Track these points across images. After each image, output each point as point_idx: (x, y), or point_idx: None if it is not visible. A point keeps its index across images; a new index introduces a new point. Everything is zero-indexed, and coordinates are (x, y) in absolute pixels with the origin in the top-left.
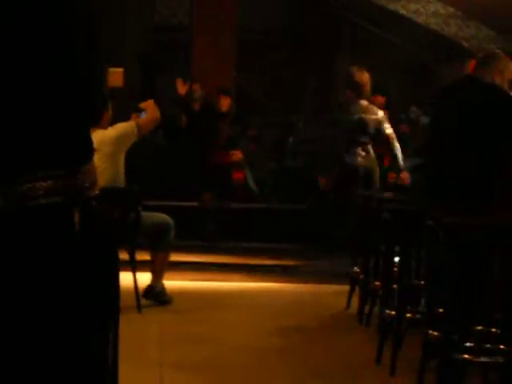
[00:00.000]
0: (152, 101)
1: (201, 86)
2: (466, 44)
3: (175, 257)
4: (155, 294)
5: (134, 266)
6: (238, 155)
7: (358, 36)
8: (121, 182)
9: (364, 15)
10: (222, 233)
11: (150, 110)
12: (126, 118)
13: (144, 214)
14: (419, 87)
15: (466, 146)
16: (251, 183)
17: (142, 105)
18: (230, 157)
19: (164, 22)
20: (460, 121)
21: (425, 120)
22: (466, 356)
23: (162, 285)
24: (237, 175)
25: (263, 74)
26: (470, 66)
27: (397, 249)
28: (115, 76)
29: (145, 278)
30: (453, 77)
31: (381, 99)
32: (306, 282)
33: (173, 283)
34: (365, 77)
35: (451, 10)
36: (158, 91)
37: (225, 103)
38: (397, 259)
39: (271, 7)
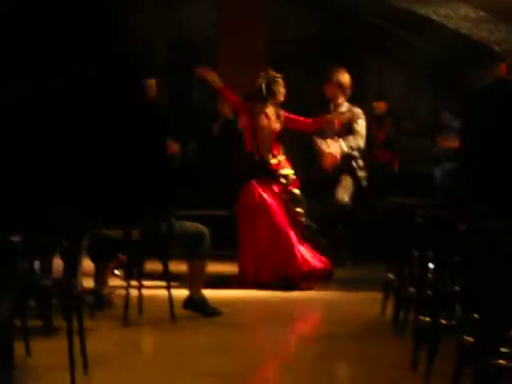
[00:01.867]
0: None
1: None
2: (497, 48)
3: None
4: (194, 305)
5: (168, 277)
6: None
7: (388, 42)
8: None
9: (394, 21)
10: None
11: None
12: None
13: (176, 223)
14: (450, 92)
15: (500, 149)
16: None
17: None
18: None
19: (191, 34)
20: (493, 124)
21: (457, 124)
22: (501, 361)
23: (202, 295)
24: None
25: (292, 85)
26: (502, 69)
27: (431, 254)
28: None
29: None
30: (484, 81)
31: (383, 105)
32: (338, 289)
33: (206, 292)
34: (346, 78)
35: (482, 13)
36: (187, 102)
37: None
38: (431, 265)
39: (299, 18)
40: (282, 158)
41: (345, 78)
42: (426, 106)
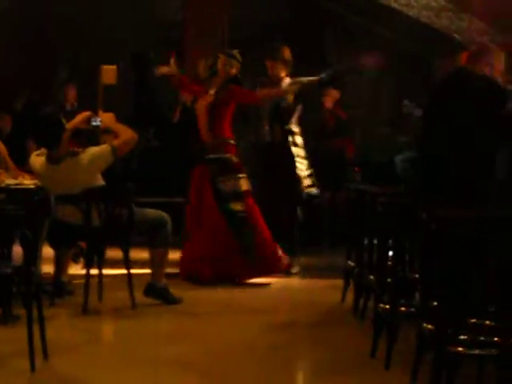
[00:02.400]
0: (112, 114)
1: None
2: (458, 37)
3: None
4: (155, 292)
5: (128, 264)
6: None
7: (348, 30)
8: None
9: (355, 9)
10: None
11: (123, 131)
12: (119, 116)
13: (137, 210)
14: (411, 81)
15: (458, 139)
16: None
17: (101, 115)
18: None
19: (156, 18)
20: (452, 113)
21: (418, 113)
22: (460, 349)
23: (165, 283)
24: None
25: (253, 69)
26: (462, 58)
27: (390, 242)
28: (108, 73)
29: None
30: (445, 70)
31: (335, 93)
32: (299, 277)
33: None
34: (289, 54)
35: (443, 3)
36: (150, 88)
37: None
38: (390, 253)
39: (261, 1)
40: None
41: (288, 54)
42: (386, 95)
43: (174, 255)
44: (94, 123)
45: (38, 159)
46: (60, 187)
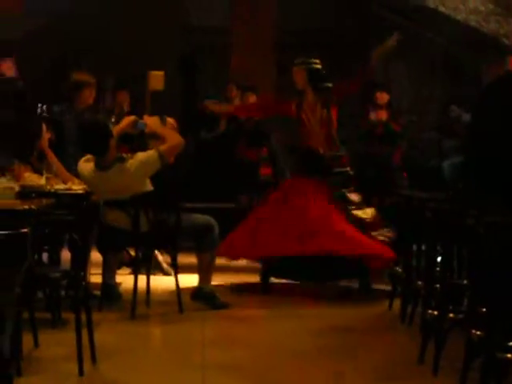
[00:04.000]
0: (157, 118)
1: (237, 87)
2: (506, 41)
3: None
4: (203, 296)
5: (177, 268)
6: (263, 152)
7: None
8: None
9: (403, 13)
10: None
11: (171, 135)
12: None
13: (185, 215)
14: (459, 85)
15: (508, 144)
16: None
17: (146, 119)
18: (256, 154)
19: (202, 23)
20: (502, 118)
21: (466, 118)
22: (509, 355)
23: (212, 287)
24: (264, 171)
25: None
26: (511, 63)
27: (439, 248)
28: (156, 79)
29: (191, 280)
30: (493, 74)
31: (386, 96)
32: (345, 282)
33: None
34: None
35: (491, 6)
36: (198, 93)
37: (251, 99)
38: (439, 258)
39: (309, 7)
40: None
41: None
42: (433, 99)
43: (220, 261)
44: (139, 127)
45: (86, 166)
46: (108, 193)
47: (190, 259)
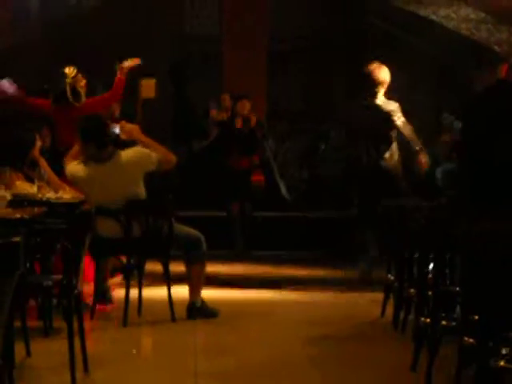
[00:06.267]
0: (137, 127)
1: (230, 96)
2: (497, 49)
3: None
4: (197, 312)
5: (169, 277)
6: (255, 159)
7: (387, 42)
8: (142, 196)
9: (394, 21)
10: (251, 242)
11: (155, 145)
12: (159, 129)
13: (176, 225)
14: (450, 93)
15: (499, 151)
16: (284, 191)
17: (123, 125)
18: (249, 161)
19: (194, 32)
20: (493, 126)
21: (458, 125)
22: (502, 363)
23: (201, 298)
24: (256, 177)
25: (293, 81)
26: (502, 71)
27: (431, 255)
28: (147, 87)
29: (181, 290)
30: (484, 82)
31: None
32: (338, 290)
33: (204, 293)
34: (382, 74)
35: (482, 15)
36: (189, 101)
37: (245, 106)
38: (431, 266)
39: (301, 15)
40: None
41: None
42: (426, 107)
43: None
44: (112, 130)
45: (77, 167)
46: (106, 188)
47: (181, 268)
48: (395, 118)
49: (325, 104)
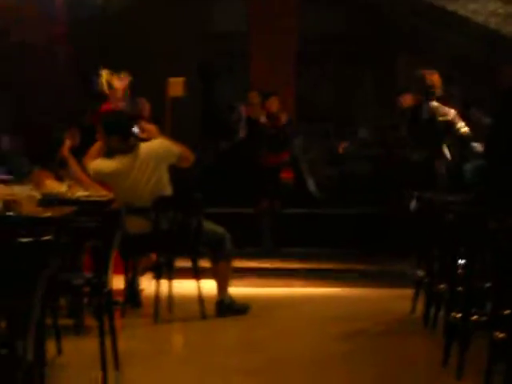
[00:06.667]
0: (154, 127)
1: (258, 93)
2: None
3: (235, 263)
4: (226, 309)
5: (198, 273)
6: (285, 155)
7: (417, 38)
8: (167, 191)
9: (423, 17)
10: (280, 239)
11: (184, 151)
12: (187, 127)
13: (204, 222)
14: (479, 87)
15: None
16: (313, 188)
17: (143, 124)
18: (278, 158)
19: (221, 29)
20: None
21: (487, 121)
22: None
23: (230, 295)
24: (285, 174)
25: (322, 80)
26: None
27: (462, 251)
28: (176, 86)
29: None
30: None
31: (409, 99)
32: (368, 286)
33: (233, 290)
34: (435, 78)
35: (510, 9)
36: (216, 99)
37: (274, 104)
38: (462, 261)
39: (329, 13)
40: None
41: (434, 77)
42: (453, 102)
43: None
44: (132, 130)
45: (102, 163)
46: (136, 175)
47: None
48: (458, 127)
49: (353, 103)
